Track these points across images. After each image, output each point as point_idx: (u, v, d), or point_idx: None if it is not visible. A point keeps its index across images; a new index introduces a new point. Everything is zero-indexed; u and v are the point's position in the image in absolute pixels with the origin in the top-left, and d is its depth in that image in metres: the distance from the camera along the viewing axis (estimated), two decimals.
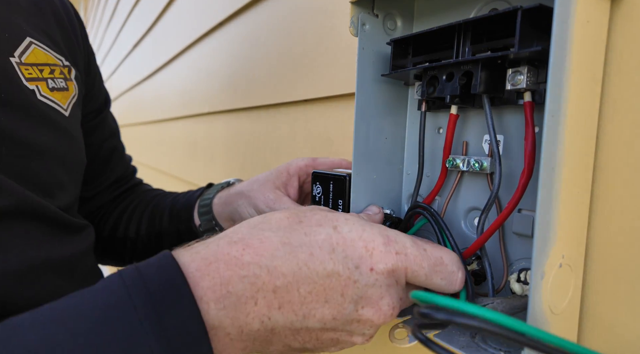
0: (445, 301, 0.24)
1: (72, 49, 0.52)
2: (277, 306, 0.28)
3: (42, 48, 0.46)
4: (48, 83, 0.45)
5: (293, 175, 0.50)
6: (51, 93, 0.45)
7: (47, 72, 0.46)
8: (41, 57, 0.45)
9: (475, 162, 0.36)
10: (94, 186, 0.64)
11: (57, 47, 0.49)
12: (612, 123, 0.30)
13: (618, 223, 0.30)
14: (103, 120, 0.63)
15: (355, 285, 0.29)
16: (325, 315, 0.29)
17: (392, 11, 0.40)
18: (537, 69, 0.31)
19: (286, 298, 0.28)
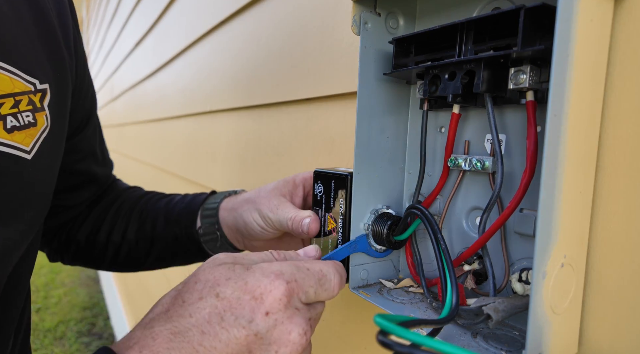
0: (405, 333, 0.25)
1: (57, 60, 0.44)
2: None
3: (9, 72, 0.37)
4: (6, 123, 0.37)
5: (299, 185, 0.50)
6: (9, 136, 0.37)
7: (8, 106, 0.37)
8: (5, 85, 0.37)
9: (477, 161, 0.35)
10: (70, 197, 0.60)
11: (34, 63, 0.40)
12: (615, 123, 0.30)
13: (620, 223, 0.30)
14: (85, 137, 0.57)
15: (256, 337, 0.30)
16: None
17: (394, 10, 0.40)
18: (540, 68, 0.31)
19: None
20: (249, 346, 0.30)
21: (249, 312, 0.30)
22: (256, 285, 0.31)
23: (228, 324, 0.30)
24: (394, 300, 0.39)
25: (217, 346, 0.29)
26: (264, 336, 0.30)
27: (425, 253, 0.42)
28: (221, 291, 0.31)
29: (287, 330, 0.30)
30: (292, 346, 0.30)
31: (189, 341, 0.29)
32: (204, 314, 0.30)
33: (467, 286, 0.37)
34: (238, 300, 0.30)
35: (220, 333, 0.29)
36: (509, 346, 0.31)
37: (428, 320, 0.29)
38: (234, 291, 0.31)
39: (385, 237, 0.40)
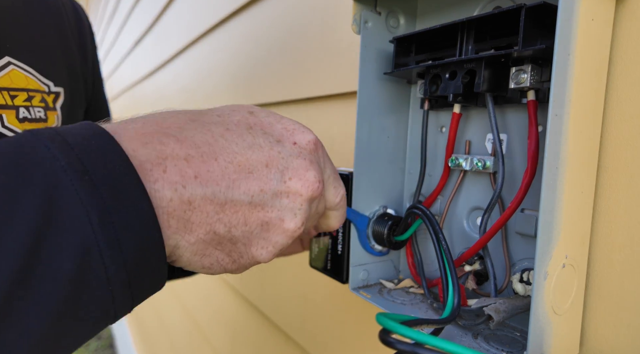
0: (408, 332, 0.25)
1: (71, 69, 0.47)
2: (192, 175, 0.24)
3: (24, 70, 0.41)
4: (19, 113, 0.40)
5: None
6: (19, 125, 0.40)
7: (21, 98, 0.40)
8: (19, 80, 0.40)
9: (478, 161, 0.35)
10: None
11: (49, 68, 0.44)
12: (616, 123, 0.29)
13: (622, 223, 0.29)
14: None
15: (279, 155, 0.27)
16: (252, 187, 0.26)
17: (394, 9, 0.40)
18: (541, 68, 0.31)
19: (203, 168, 0.24)
20: (269, 158, 0.27)
21: (278, 135, 0.28)
22: (290, 123, 0.29)
23: (255, 133, 0.27)
24: (394, 301, 0.39)
25: (239, 143, 0.26)
26: (285, 158, 0.27)
27: (426, 254, 0.42)
28: (256, 111, 0.29)
29: (306, 167, 0.28)
30: (304, 183, 0.28)
31: (208, 130, 0.26)
32: (232, 119, 0.27)
33: (468, 286, 0.37)
34: (270, 125, 0.28)
35: (246, 135, 0.27)
36: (510, 347, 0.31)
37: (429, 320, 0.29)
38: (268, 115, 0.29)
39: (386, 237, 0.40)
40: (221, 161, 0.25)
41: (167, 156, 0.23)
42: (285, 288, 0.76)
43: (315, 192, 0.28)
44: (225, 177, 0.25)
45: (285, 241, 0.28)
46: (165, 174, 0.23)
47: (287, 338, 0.76)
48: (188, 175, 0.24)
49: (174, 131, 0.24)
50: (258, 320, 0.90)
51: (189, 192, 0.24)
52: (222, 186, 0.25)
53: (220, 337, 1.13)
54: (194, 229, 0.25)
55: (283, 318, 0.77)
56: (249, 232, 0.27)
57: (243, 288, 0.97)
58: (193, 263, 0.26)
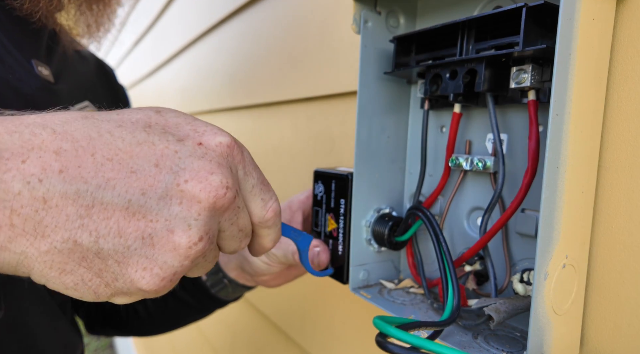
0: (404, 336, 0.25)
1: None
2: (56, 170, 0.20)
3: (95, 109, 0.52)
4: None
5: (296, 211, 0.48)
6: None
7: None
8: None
9: (479, 161, 0.35)
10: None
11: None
12: (617, 123, 0.29)
13: (622, 223, 0.29)
14: None
15: (175, 154, 0.23)
16: (131, 188, 0.21)
17: (394, 8, 0.40)
18: (542, 67, 0.31)
19: (73, 163, 0.21)
20: (159, 159, 0.23)
21: (183, 135, 0.24)
22: (202, 125, 0.25)
23: (152, 132, 0.23)
24: (394, 301, 0.39)
25: (127, 139, 0.22)
26: (182, 158, 0.23)
27: (426, 254, 0.42)
28: (164, 111, 0.25)
29: (210, 169, 0.23)
30: (205, 186, 0.23)
31: (96, 126, 0.22)
32: (132, 117, 0.24)
33: (468, 286, 0.37)
34: (177, 125, 0.25)
35: (139, 132, 0.23)
36: (511, 347, 0.31)
37: (428, 322, 0.29)
38: (178, 117, 0.25)
39: (387, 238, 0.40)
40: (98, 157, 0.21)
41: (34, 147, 0.20)
42: (286, 288, 0.76)
43: (220, 200, 0.23)
44: (98, 174, 0.21)
45: (178, 262, 0.23)
46: (24, 165, 0.20)
47: (287, 338, 0.76)
48: (51, 168, 0.20)
49: (55, 124, 0.22)
50: (258, 320, 0.90)
51: (45, 187, 0.20)
52: (91, 184, 0.21)
53: (221, 337, 1.13)
54: (47, 234, 0.21)
55: (283, 318, 0.77)
56: (125, 246, 0.22)
57: None
58: (50, 280, 0.22)
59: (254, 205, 0.27)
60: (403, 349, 0.24)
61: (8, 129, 0.21)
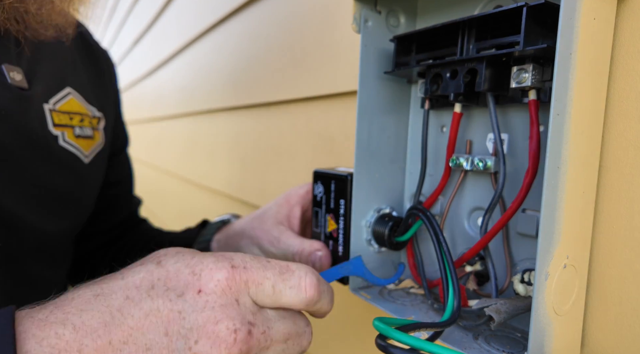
0: (403, 337, 0.24)
1: (105, 100, 0.56)
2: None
3: (78, 98, 0.50)
4: (75, 131, 0.49)
5: (295, 205, 0.47)
6: (76, 140, 0.49)
7: (77, 120, 0.49)
8: (75, 106, 0.50)
9: (479, 161, 0.35)
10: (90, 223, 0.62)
11: (93, 98, 0.54)
12: (618, 122, 0.29)
13: (623, 223, 0.29)
14: (115, 164, 0.63)
15: (180, 316, 0.25)
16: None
17: (395, 8, 0.40)
18: (543, 67, 0.31)
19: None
20: (168, 324, 0.25)
21: (183, 286, 0.26)
22: (199, 261, 0.27)
23: (156, 294, 0.26)
24: (394, 302, 0.39)
25: (136, 314, 0.25)
26: (186, 317, 0.25)
27: (427, 254, 0.42)
28: (164, 260, 0.28)
29: (215, 319, 0.25)
30: (214, 340, 0.24)
31: (107, 305, 0.25)
32: (136, 278, 0.27)
33: (468, 287, 0.37)
34: (177, 272, 0.27)
35: (144, 301, 0.25)
36: (511, 348, 0.31)
37: (428, 324, 0.29)
38: (176, 262, 0.27)
39: (387, 238, 0.40)
40: (115, 343, 0.24)
41: (60, 350, 0.24)
42: None
43: (234, 347, 0.25)
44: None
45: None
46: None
47: None
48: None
49: (74, 317, 0.25)
50: None
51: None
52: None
53: None
54: None
55: None
56: None
57: None
58: None
59: (288, 299, 0.28)
60: (403, 351, 0.24)
61: (37, 337, 0.24)
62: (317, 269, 0.42)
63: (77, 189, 0.50)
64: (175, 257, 0.28)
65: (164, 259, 0.28)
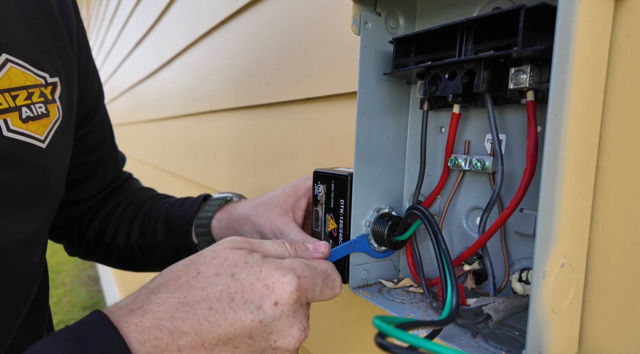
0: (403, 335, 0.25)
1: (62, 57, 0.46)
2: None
3: (21, 66, 0.40)
4: (22, 113, 0.39)
5: (302, 197, 0.48)
6: (24, 126, 0.40)
7: (22, 98, 0.39)
8: (18, 78, 0.39)
9: (478, 161, 0.35)
10: (79, 191, 0.60)
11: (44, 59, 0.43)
12: (615, 123, 0.30)
13: (620, 223, 0.30)
14: (92, 127, 0.58)
15: (261, 324, 0.30)
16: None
17: (394, 9, 0.40)
18: (540, 68, 0.31)
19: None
20: (251, 331, 0.30)
21: (259, 299, 0.30)
22: (270, 275, 0.31)
23: (237, 306, 0.30)
24: (394, 300, 0.39)
25: (222, 324, 0.29)
26: (267, 325, 0.30)
27: (426, 253, 0.42)
28: (237, 272, 0.31)
29: (290, 323, 0.31)
30: (290, 340, 0.31)
31: (194, 314, 0.29)
32: (215, 291, 0.30)
33: (467, 286, 0.37)
34: (251, 285, 0.31)
35: (227, 312, 0.30)
36: (509, 346, 0.31)
37: (427, 322, 0.29)
38: (248, 275, 0.31)
39: (386, 237, 0.40)
40: (208, 344, 0.29)
41: (162, 350, 0.28)
42: None
43: (302, 341, 0.32)
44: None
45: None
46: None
47: None
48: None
49: (167, 322, 0.29)
50: None
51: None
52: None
53: None
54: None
55: None
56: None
57: None
58: None
59: (325, 297, 0.35)
60: (402, 348, 0.24)
61: (139, 339, 0.28)
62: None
63: (39, 181, 0.42)
64: (245, 270, 0.32)
65: (236, 272, 0.31)
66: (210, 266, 0.32)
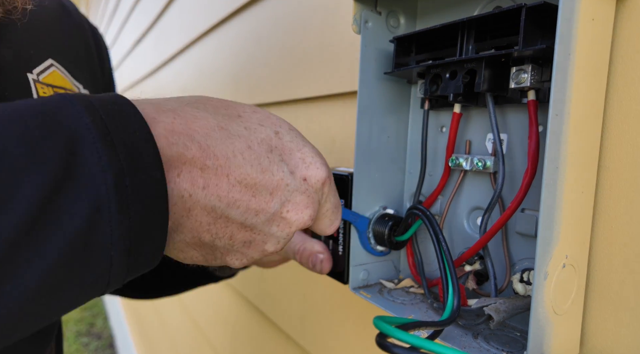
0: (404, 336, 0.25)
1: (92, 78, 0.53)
2: (201, 186, 0.25)
3: (62, 71, 0.46)
4: None
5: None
6: None
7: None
8: (59, 80, 0.45)
9: (479, 161, 0.35)
10: None
11: (79, 74, 0.49)
12: (617, 122, 0.29)
13: (622, 223, 0.29)
14: None
15: (286, 187, 0.29)
16: (250, 209, 0.27)
17: (395, 9, 0.40)
18: (541, 67, 0.31)
19: (213, 181, 0.26)
20: (275, 188, 0.28)
21: (294, 165, 0.29)
22: (310, 154, 0.30)
23: (273, 159, 0.28)
24: (394, 301, 0.39)
25: (255, 165, 0.27)
26: (291, 192, 0.29)
27: (426, 253, 0.42)
28: (281, 132, 0.30)
29: (306, 204, 0.30)
30: (299, 216, 0.30)
31: (232, 143, 0.27)
32: (257, 135, 0.28)
33: (468, 286, 0.37)
34: (290, 151, 0.30)
35: (264, 158, 0.28)
36: (511, 347, 0.31)
37: (428, 322, 0.29)
38: (291, 141, 0.30)
39: (387, 238, 0.40)
40: (232, 179, 0.26)
41: (186, 161, 0.25)
42: (285, 287, 0.76)
43: (303, 226, 0.30)
44: (229, 194, 0.26)
45: (259, 257, 0.31)
46: (179, 178, 0.25)
47: (287, 338, 0.76)
48: (198, 184, 0.25)
49: (200, 136, 0.26)
50: (258, 320, 0.90)
51: (193, 201, 0.25)
52: (223, 202, 0.26)
53: (220, 337, 1.13)
54: (183, 231, 0.27)
55: (283, 318, 0.77)
56: (231, 245, 0.29)
57: (243, 288, 0.97)
58: (167, 253, 0.28)
59: (322, 223, 0.34)
60: (403, 349, 0.24)
61: (168, 140, 0.25)
62: (317, 271, 0.43)
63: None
64: (290, 134, 0.31)
65: (280, 131, 0.30)
66: (253, 116, 0.30)
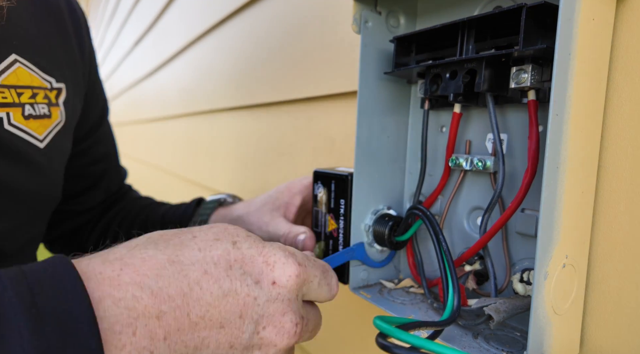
0: (404, 336, 0.25)
1: (70, 67, 0.49)
2: (162, 337, 0.23)
3: (28, 68, 0.42)
4: (24, 110, 0.41)
5: (296, 194, 0.47)
6: (25, 122, 0.41)
7: (26, 96, 0.41)
8: (24, 78, 0.41)
9: (479, 161, 0.35)
10: (84, 201, 0.61)
11: (52, 66, 0.45)
12: (617, 122, 0.29)
13: (622, 223, 0.29)
14: (99, 138, 0.60)
15: (255, 302, 0.26)
16: (221, 343, 0.25)
17: (395, 8, 0.40)
18: (542, 67, 0.31)
19: (174, 326, 0.24)
20: (243, 307, 0.26)
21: (258, 273, 0.27)
22: (272, 253, 0.28)
23: (234, 276, 0.26)
24: (394, 301, 0.39)
25: (215, 292, 0.25)
26: (261, 305, 0.27)
27: (426, 253, 0.42)
28: (239, 241, 0.28)
29: (283, 311, 0.27)
30: (279, 330, 0.27)
31: (185, 275, 0.25)
32: (213, 254, 0.27)
33: (468, 286, 0.37)
34: (252, 258, 0.28)
35: (223, 279, 0.26)
36: (511, 347, 0.31)
37: (428, 322, 0.29)
38: (250, 247, 0.28)
39: (387, 238, 0.40)
40: (193, 317, 0.25)
41: (138, 314, 0.23)
42: None
43: (291, 340, 0.27)
44: (195, 335, 0.25)
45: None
46: (135, 337, 0.23)
47: None
48: (158, 336, 0.23)
49: (150, 280, 0.24)
50: None
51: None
52: (190, 347, 0.25)
53: None
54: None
55: None
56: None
57: None
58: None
59: (323, 295, 0.31)
60: (403, 349, 0.24)
61: (114, 297, 0.23)
62: (300, 249, 0.42)
63: (32, 180, 0.43)
64: (248, 241, 0.29)
65: (238, 240, 0.28)
66: (210, 232, 0.28)
